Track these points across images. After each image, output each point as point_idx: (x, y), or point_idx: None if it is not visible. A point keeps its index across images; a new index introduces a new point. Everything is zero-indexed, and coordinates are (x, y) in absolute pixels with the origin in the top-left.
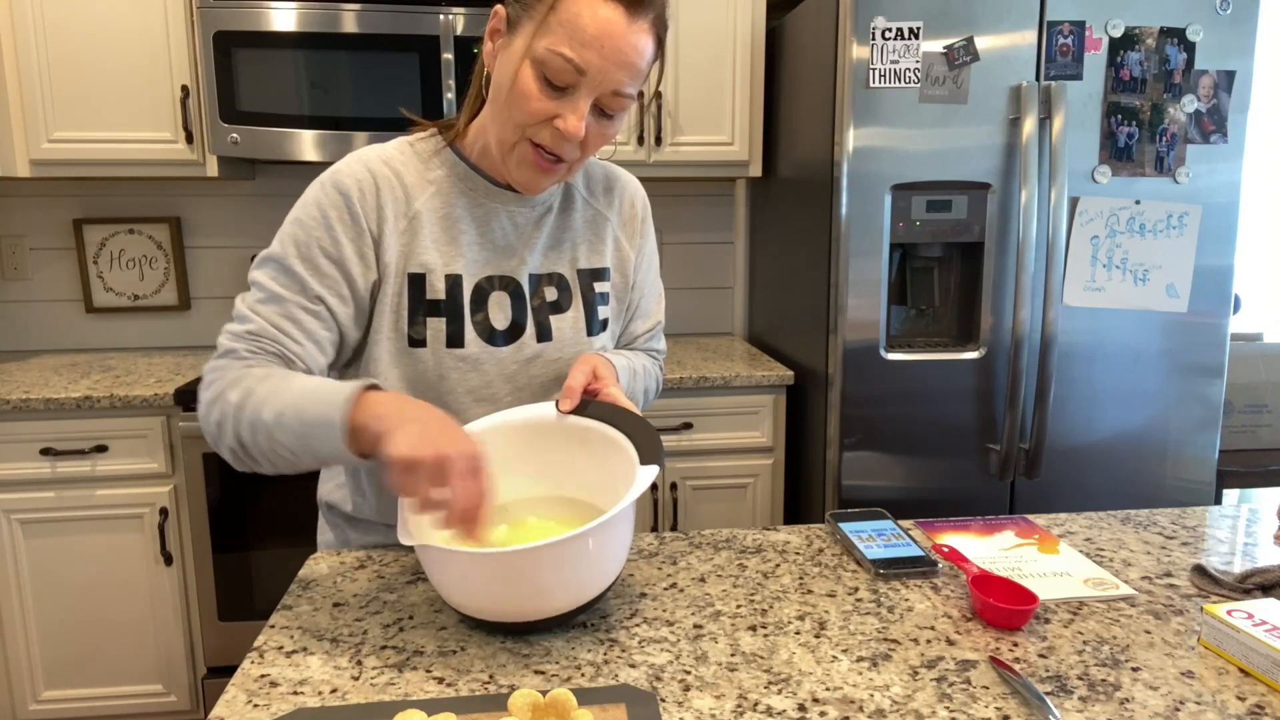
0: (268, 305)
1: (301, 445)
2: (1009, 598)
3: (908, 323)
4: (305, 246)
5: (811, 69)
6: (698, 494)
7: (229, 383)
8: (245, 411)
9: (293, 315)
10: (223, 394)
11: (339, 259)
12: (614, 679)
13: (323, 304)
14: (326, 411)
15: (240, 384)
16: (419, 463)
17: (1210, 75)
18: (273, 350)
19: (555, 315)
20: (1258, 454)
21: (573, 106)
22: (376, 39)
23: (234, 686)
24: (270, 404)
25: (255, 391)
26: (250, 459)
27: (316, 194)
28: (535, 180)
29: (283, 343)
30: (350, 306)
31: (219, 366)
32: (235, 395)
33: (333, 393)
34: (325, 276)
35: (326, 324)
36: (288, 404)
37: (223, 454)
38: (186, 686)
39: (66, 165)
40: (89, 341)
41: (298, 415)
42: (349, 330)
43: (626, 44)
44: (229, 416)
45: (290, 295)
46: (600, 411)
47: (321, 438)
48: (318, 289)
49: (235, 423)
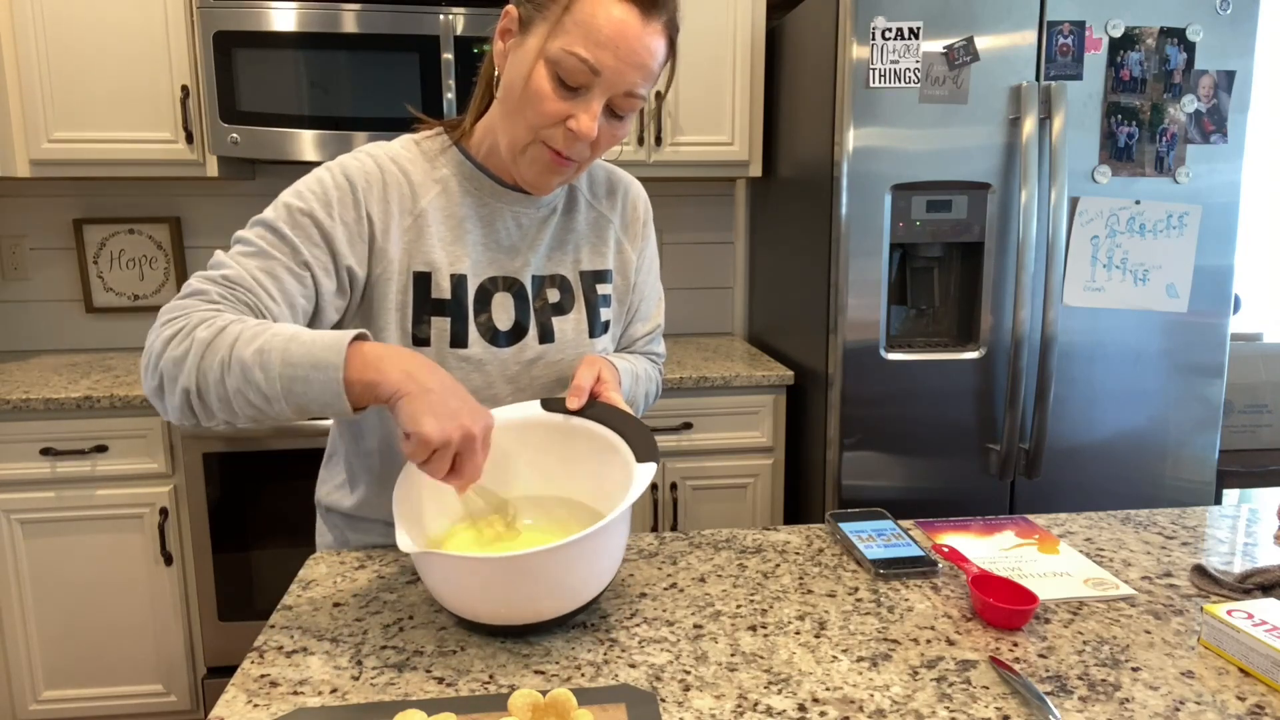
0: (251, 259)
1: (283, 389)
2: (1009, 598)
3: (908, 323)
4: (299, 214)
5: (811, 69)
6: (698, 494)
7: (197, 321)
8: (216, 348)
9: (275, 273)
10: (188, 330)
11: (329, 235)
12: (614, 679)
13: (308, 270)
14: (324, 355)
15: (212, 322)
16: (448, 442)
17: (1210, 75)
18: (245, 300)
19: (558, 317)
20: (1258, 454)
21: (585, 107)
22: (376, 39)
23: (234, 686)
24: (249, 343)
25: (229, 329)
26: (204, 405)
27: (322, 174)
28: (545, 180)
29: (258, 296)
30: (333, 282)
31: (184, 305)
32: (205, 332)
33: (329, 337)
34: (314, 246)
35: (307, 291)
36: (271, 344)
37: (167, 399)
38: (186, 686)
39: (66, 165)
40: (89, 341)
41: (283, 356)
42: (327, 308)
43: (640, 45)
44: (192, 352)
45: (277, 254)
46: (596, 412)
47: (312, 381)
48: (306, 255)
49: (200, 358)
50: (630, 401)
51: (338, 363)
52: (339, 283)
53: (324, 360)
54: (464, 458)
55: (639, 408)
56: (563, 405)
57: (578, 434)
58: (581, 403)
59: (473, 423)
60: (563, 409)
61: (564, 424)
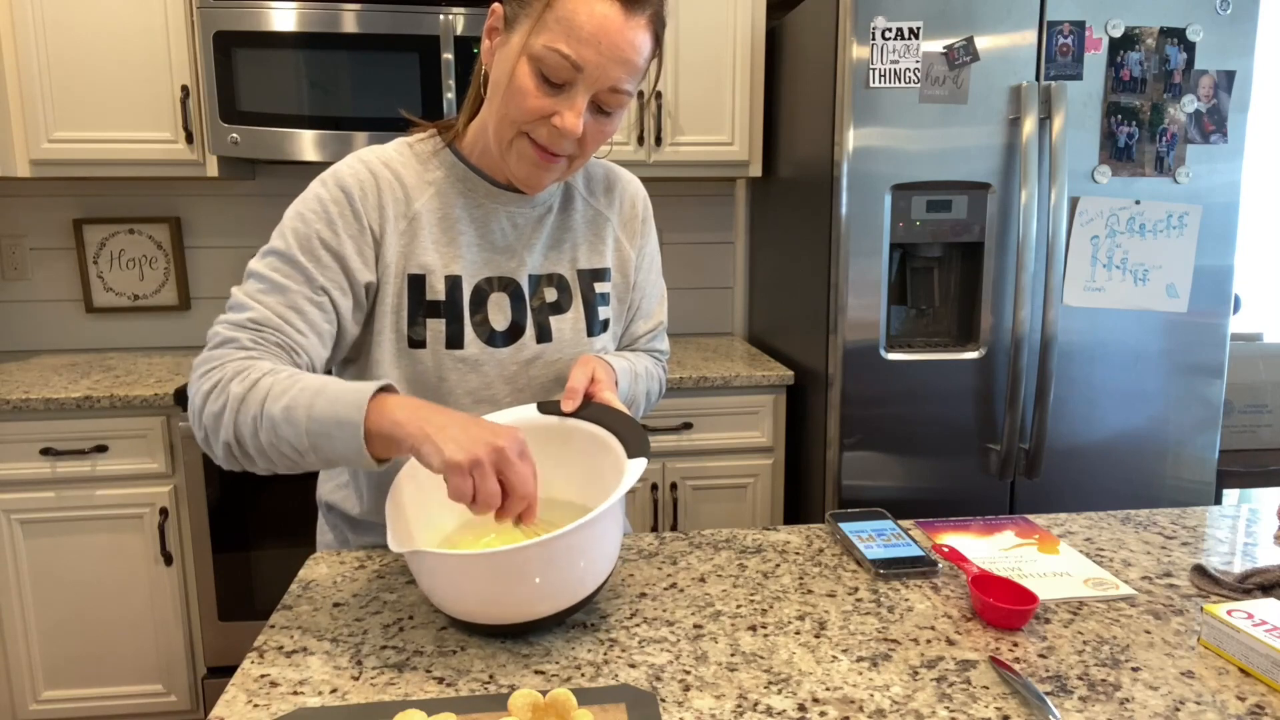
0: (270, 295)
1: (310, 444)
2: (1009, 598)
3: (908, 323)
4: (307, 239)
5: (811, 69)
6: (698, 494)
7: (231, 374)
8: (249, 404)
9: (297, 305)
10: (224, 384)
11: (339, 253)
12: (614, 679)
13: (326, 295)
14: (345, 412)
15: (245, 376)
16: (480, 461)
17: (1210, 75)
18: (275, 340)
19: (555, 316)
20: (1258, 454)
21: (570, 103)
22: (376, 39)
23: (234, 686)
24: (278, 399)
25: (260, 384)
26: (245, 455)
27: (318, 190)
28: (535, 177)
29: (286, 333)
30: (350, 299)
31: (218, 356)
32: (239, 387)
33: (351, 393)
34: (327, 268)
35: (329, 316)
36: (297, 400)
37: (213, 449)
38: (186, 686)
39: (66, 165)
40: (89, 341)
41: (308, 412)
42: (348, 324)
43: (623, 40)
44: (229, 408)
45: (294, 285)
46: (590, 413)
47: (336, 438)
48: (321, 281)
49: (236, 415)
50: (630, 400)
51: (358, 420)
52: (356, 299)
53: (345, 418)
54: (505, 471)
55: (640, 406)
56: (558, 408)
57: (573, 436)
58: (576, 405)
59: (496, 438)
60: (558, 411)
61: (559, 426)
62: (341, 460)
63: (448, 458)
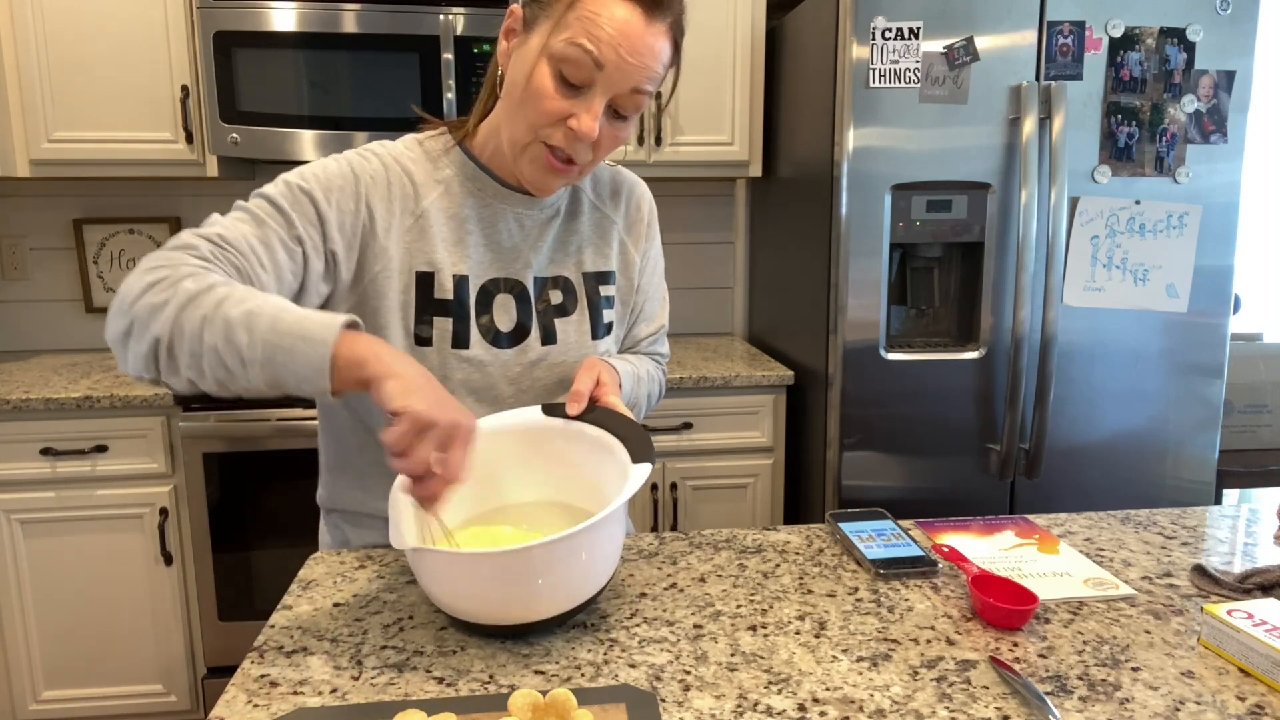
0: (247, 224)
1: (264, 355)
2: (1009, 598)
3: (908, 323)
4: (299, 192)
5: (811, 69)
6: (698, 494)
7: (185, 273)
8: (200, 303)
9: (269, 242)
10: (174, 279)
11: (323, 217)
12: (614, 679)
13: (301, 246)
14: (314, 330)
15: (200, 277)
16: (436, 423)
17: (1210, 75)
18: (236, 263)
19: (560, 318)
20: (1258, 454)
21: (586, 106)
22: (376, 39)
23: (234, 686)
24: (239, 303)
25: (218, 288)
26: (170, 359)
27: (328, 162)
28: (547, 181)
29: (249, 261)
30: (323, 262)
31: (171, 257)
32: (192, 284)
33: (322, 315)
34: (310, 224)
35: (297, 267)
36: (261, 309)
37: (128, 347)
38: (186, 686)
39: (66, 165)
40: (89, 341)
41: (272, 323)
42: (312, 289)
43: (643, 45)
44: (173, 302)
45: (272, 225)
46: (595, 417)
47: (297, 352)
48: (300, 230)
49: (180, 309)
50: (632, 404)
51: (328, 338)
52: (326, 264)
53: (314, 334)
54: (449, 448)
55: (641, 409)
56: (563, 410)
57: (577, 439)
58: (581, 408)
59: (461, 415)
60: (563, 414)
61: (564, 429)
62: (294, 379)
63: (409, 404)
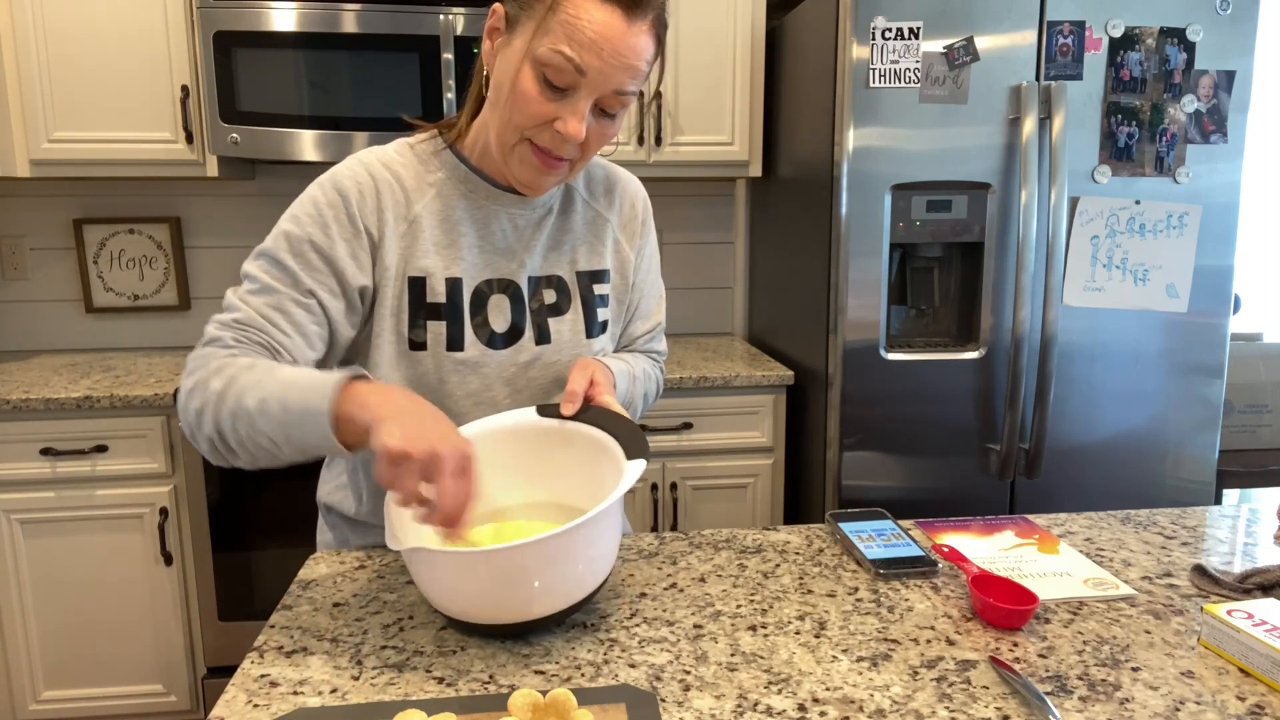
0: (258, 296)
1: (284, 434)
2: (1009, 598)
3: (908, 323)
4: (298, 242)
5: (811, 69)
6: (698, 494)
7: (212, 370)
8: (227, 399)
9: (282, 307)
10: (205, 381)
11: (330, 257)
12: (614, 679)
13: (314, 297)
14: (313, 400)
15: (223, 372)
16: (409, 457)
17: (1210, 75)
18: (259, 340)
19: (554, 318)
20: (1258, 454)
21: (573, 108)
22: (376, 39)
23: (234, 686)
24: (253, 391)
25: (238, 379)
26: (228, 450)
27: (315, 193)
28: (537, 180)
29: (270, 333)
30: (342, 302)
31: (202, 355)
32: (218, 383)
33: (319, 381)
34: (316, 271)
35: (317, 318)
36: (271, 392)
37: (199, 444)
38: (186, 686)
39: (66, 165)
40: (89, 341)
41: (282, 403)
42: (341, 326)
43: (626, 46)
44: (209, 404)
45: (281, 287)
46: (590, 416)
47: (306, 427)
48: (309, 283)
49: (216, 411)
50: (628, 403)
51: (323, 408)
52: (348, 303)
53: (314, 407)
54: (436, 478)
55: (637, 408)
56: (558, 411)
57: (573, 439)
58: (575, 408)
59: (441, 443)
60: (557, 414)
61: (559, 429)
62: (315, 449)
63: (384, 442)
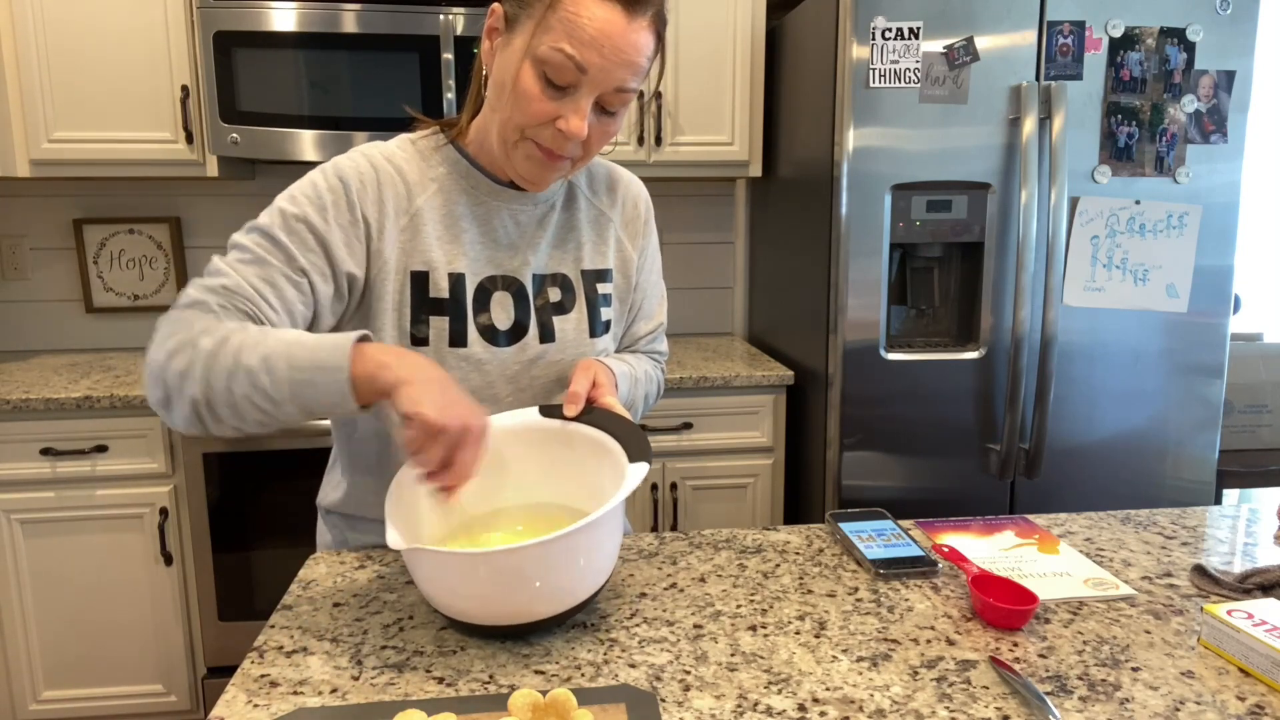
0: (248, 266)
1: (290, 392)
2: (1009, 598)
3: (908, 323)
4: (294, 220)
5: (811, 69)
6: (698, 494)
7: (199, 330)
8: (220, 357)
9: (273, 280)
10: (191, 340)
11: (325, 240)
12: (614, 679)
13: (305, 277)
14: (326, 357)
15: (212, 332)
16: (445, 430)
17: (1210, 75)
18: (245, 310)
19: (559, 316)
20: (1258, 454)
21: (574, 106)
22: (376, 39)
23: (234, 686)
24: (253, 350)
25: (231, 339)
26: (212, 413)
27: (315, 177)
28: (540, 176)
29: (258, 305)
30: (331, 286)
31: (183, 316)
32: (208, 341)
33: (330, 340)
34: (310, 252)
35: (305, 298)
36: (275, 350)
37: (174, 409)
38: (186, 686)
39: (66, 165)
40: (89, 341)
41: (288, 361)
42: (325, 313)
43: (626, 43)
44: (198, 363)
45: (274, 261)
46: (592, 418)
47: (319, 384)
48: (302, 262)
49: (207, 369)
50: (629, 404)
51: (343, 364)
52: (336, 288)
53: (329, 362)
54: (460, 450)
55: (638, 410)
56: (560, 412)
57: (574, 440)
58: (578, 409)
59: (471, 417)
60: (560, 416)
61: (561, 430)
62: (322, 408)
63: (421, 410)
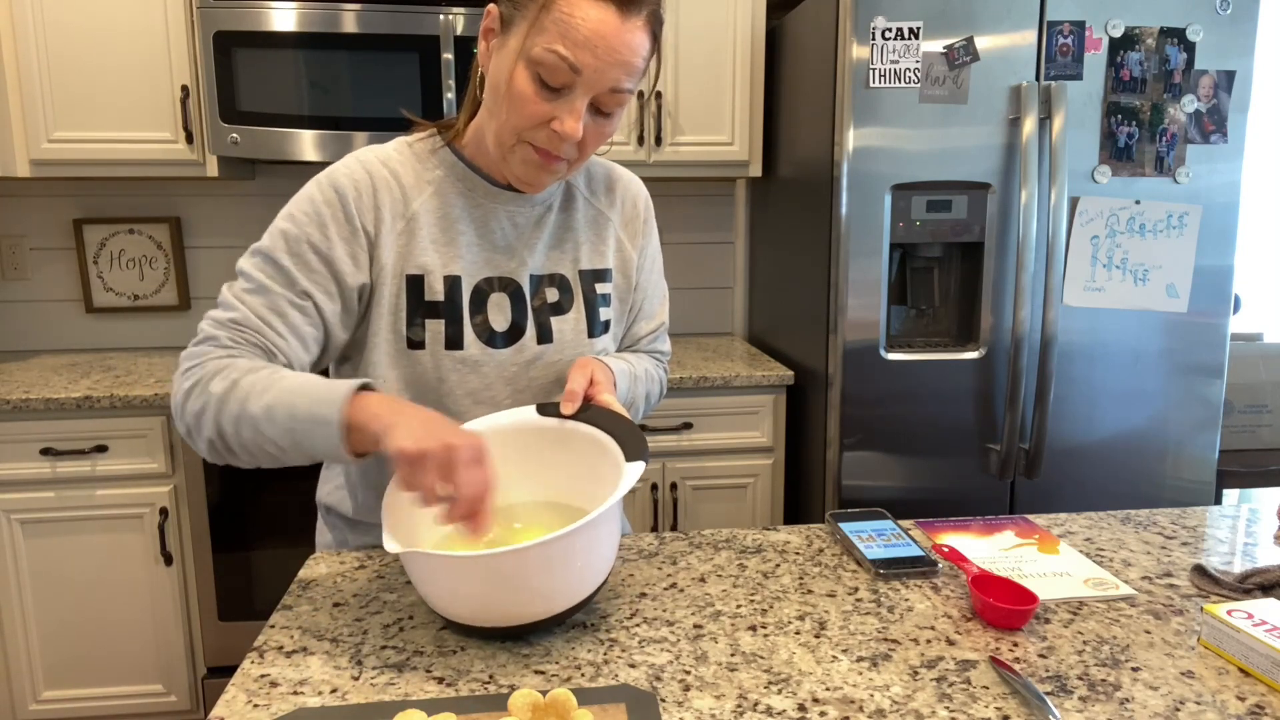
0: (254, 295)
1: (291, 441)
2: (1009, 598)
3: (908, 323)
4: (295, 242)
5: (811, 69)
6: (698, 494)
7: (211, 372)
8: (229, 403)
9: (278, 308)
10: (204, 383)
11: (329, 257)
12: (614, 679)
13: (310, 300)
14: (322, 410)
15: (224, 374)
16: (426, 454)
17: (1210, 75)
18: (255, 341)
19: (556, 317)
20: (1258, 454)
21: (569, 108)
22: (376, 39)
23: (234, 686)
24: (259, 397)
25: (240, 383)
26: (229, 451)
27: (312, 191)
28: (536, 178)
29: (266, 335)
30: (338, 304)
31: (199, 354)
32: (219, 385)
33: (328, 390)
34: (314, 273)
35: (312, 320)
36: (278, 399)
37: (196, 444)
38: (186, 686)
39: (66, 165)
40: (89, 341)
41: (289, 411)
42: (335, 329)
43: (621, 43)
44: (210, 407)
45: (277, 288)
46: (589, 416)
47: (315, 435)
48: (305, 284)
49: (217, 413)
50: (629, 402)
51: (333, 417)
52: (345, 303)
53: (323, 415)
54: (453, 472)
55: (639, 408)
56: (557, 410)
57: (572, 438)
58: (575, 407)
59: (452, 437)
60: (557, 414)
61: (558, 429)
62: (322, 456)
63: (398, 444)
